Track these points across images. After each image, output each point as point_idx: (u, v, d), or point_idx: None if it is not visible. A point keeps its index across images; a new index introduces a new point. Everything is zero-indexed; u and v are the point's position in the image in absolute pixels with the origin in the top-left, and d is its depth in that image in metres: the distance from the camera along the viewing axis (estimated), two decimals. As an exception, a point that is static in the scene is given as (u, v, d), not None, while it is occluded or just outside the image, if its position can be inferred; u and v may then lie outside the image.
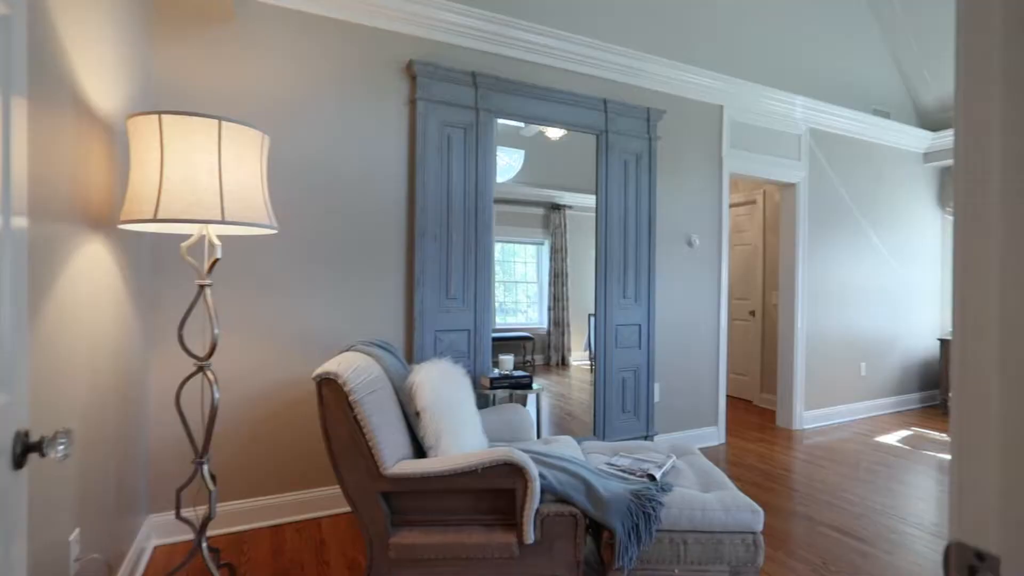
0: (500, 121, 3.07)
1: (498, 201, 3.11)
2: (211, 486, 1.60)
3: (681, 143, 3.65)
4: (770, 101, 3.97)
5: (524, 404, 3.01)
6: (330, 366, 1.74)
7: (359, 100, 2.63)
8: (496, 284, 3.22)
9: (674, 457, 2.10)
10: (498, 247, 3.22)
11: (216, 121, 1.51)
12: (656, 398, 3.53)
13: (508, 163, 3.23)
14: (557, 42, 3.10)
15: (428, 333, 2.71)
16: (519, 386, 2.66)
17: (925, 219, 5.12)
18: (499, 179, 3.17)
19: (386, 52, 2.69)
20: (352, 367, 1.77)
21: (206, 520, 1.61)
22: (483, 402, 2.78)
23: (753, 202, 5.19)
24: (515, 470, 1.69)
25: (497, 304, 3.25)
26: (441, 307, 2.75)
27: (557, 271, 3.44)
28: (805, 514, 2.63)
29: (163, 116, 1.46)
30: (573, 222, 3.40)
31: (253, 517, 2.41)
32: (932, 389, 5.15)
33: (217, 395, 1.63)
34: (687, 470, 2.04)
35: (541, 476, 1.79)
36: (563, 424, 3.36)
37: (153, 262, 2.22)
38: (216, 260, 1.64)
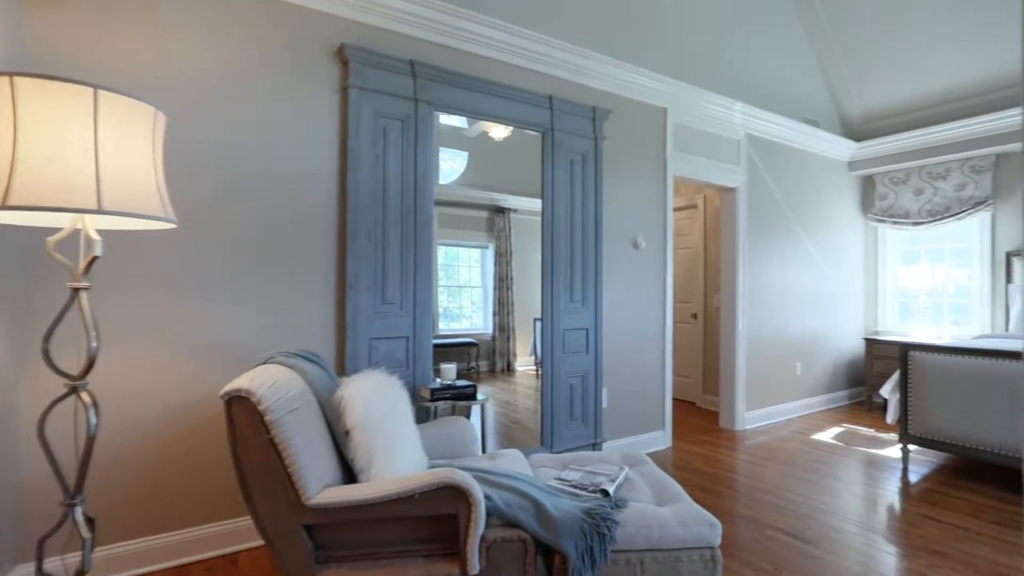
0: (443, 121, 2.90)
1: (441, 203, 2.95)
2: (85, 533, 1.31)
3: (627, 144, 3.61)
4: (711, 106, 4.02)
5: (468, 416, 2.83)
6: (241, 382, 1.50)
7: (285, 85, 2.38)
8: (440, 289, 3.04)
9: (627, 468, 1.98)
10: (442, 251, 3.05)
11: (91, 89, 1.25)
12: (604, 404, 3.44)
13: (452, 166, 3.08)
14: (503, 35, 2.96)
15: (362, 341, 2.48)
16: (462, 396, 2.48)
17: (850, 225, 5.37)
18: (442, 181, 3.01)
19: (316, 34, 2.45)
20: (269, 382, 1.53)
21: (79, 574, 1.32)
22: (423, 415, 2.58)
23: (694, 206, 5.26)
24: (457, 493, 1.51)
25: (441, 310, 3.07)
26: (376, 312, 2.53)
27: (502, 275, 3.31)
28: (753, 518, 2.60)
29: (17, 78, 1.18)
30: (518, 226, 3.28)
31: (154, 558, 2.08)
32: (859, 386, 5.41)
33: (94, 420, 1.35)
34: (640, 482, 1.93)
35: (486, 498, 1.62)
36: (510, 434, 3.21)
37: (23, 261, 1.88)
38: (94, 258, 1.36)
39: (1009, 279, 4.53)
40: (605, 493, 1.76)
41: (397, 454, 1.70)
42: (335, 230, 2.50)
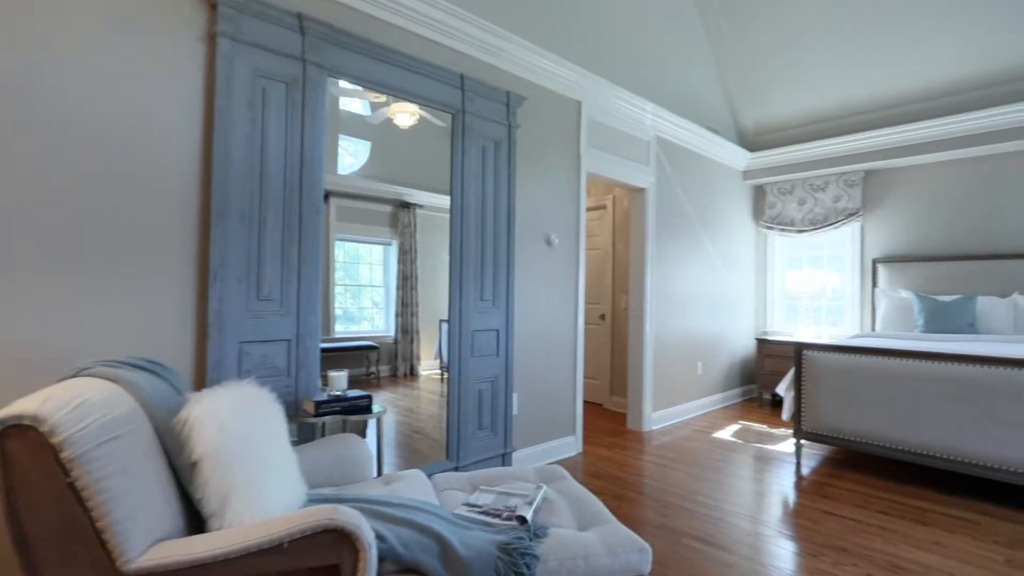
0: (344, 107, 2.55)
1: (341, 195, 2.63)
2: None
3: (541, 135, 3.43)
4: (624, 104, 3.97)
5: (364, 431, 2.47)
6: (26, 404, 1.08)
7: (134, 24, 1.88)
8: (340, 288, 2.69)
9: (544, 487, 1.76)
10: (342, 247, 2.69)
11: None
12: (515, 410, 3.23)
13: (353, 161, 2.73)
14: (412, 0, 2.64)
15: (230, 345, 2.04)
16: (354, 410, 2.13)
17: (744, 230, 5.66)
18: (343, 171, 2.67)
19: (172, -35, 1.98)
20: (71, 403, 1.12)
21: None
22: (308, 434, 2.19)
23: (603, 207, 5.25)
24: (340, 536, 1.19)
25: (341, 311, 2.71)
26: (250, 310, 2.10)
27: (406, 274, 2.99)
28: (669, 526, 2.51)
29: None
30: (424, 222, 2.99)
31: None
32: (751, 384, 5.71)
33: None
34: (560, 501, 1.71)
35: (379, 538, 1.31)
36: (412, 445, 2.89)
37: None
38: None
39: (875, 284, 4.99)
40: (522, 520, 1.51)
41: (263, 488, 1.34)
42: (197, 207, 2.04)
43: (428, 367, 3.07)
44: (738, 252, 5.54)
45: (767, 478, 3.21)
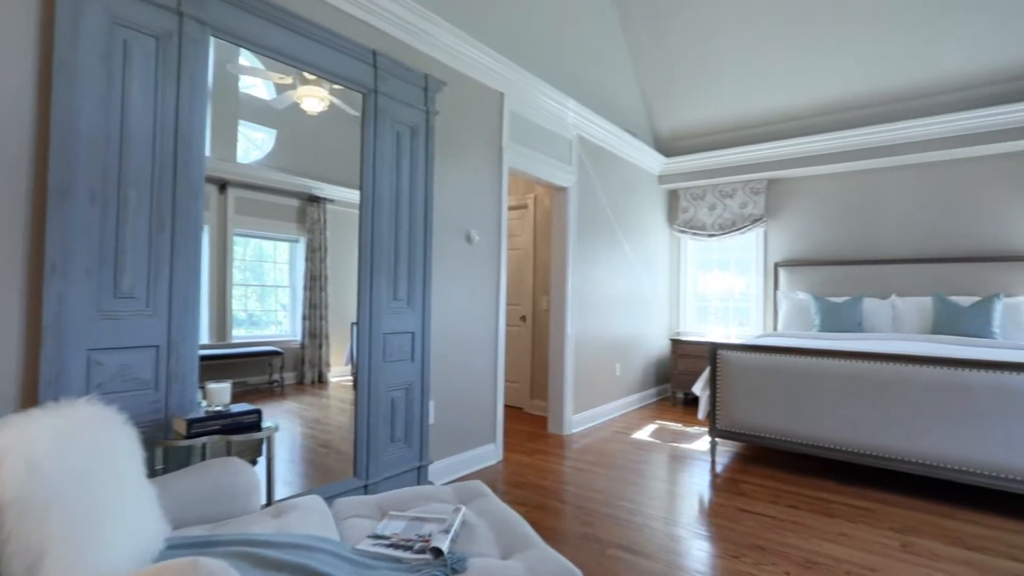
0: (244, 90, 2.22)
1: (241, 186, 2.31)
2: None
3: (461, 126, 3.24)
4: (548, 99, 3.88)
5: (257, 454, 2.14)
6: None
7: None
8: (242, 289, 2.35)
9: (463, 509, 1.56)
10: (244, 244, 2.36)
11: None
12: (431, 419, 3.00)
13: (251, 148, 2.38)
14: (312, -39, 2.34)
15: (74, 353, 1.65)
16: (238, 427, 1.80)
17: (659, 233, 5.81)
18: (244, 159, 2.34)
19: None
20: None
21: None
22: (181, 459, 1.83)
23: (525, 206, 5.15)
24: (201, 600, 0.91)
25: (244, 315, 2.37)
26: (103, 311, 1.71)
27: (315, 274, 2.68)
28: (594, 536, 2.40)
29: None
30: (335, 218, 2.70)
31: None
32: (665, 383, 5.86)
33: None
34: (480, 525, 1.52)
35: (257, 593, 1.05)
36: (318, 461, 2.58)
37: None
38: None
39: (777, 286, 5.29)
40: (437, 552, 1.31)
41: (95, 540, 1.02)
42: (28, 184, 1.63)
43: (339, 373, 2.78)
44: (654, 255, 5.66)
45: (685, 478, 3.23)
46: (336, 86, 2.51)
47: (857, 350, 3.12)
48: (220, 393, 1.83)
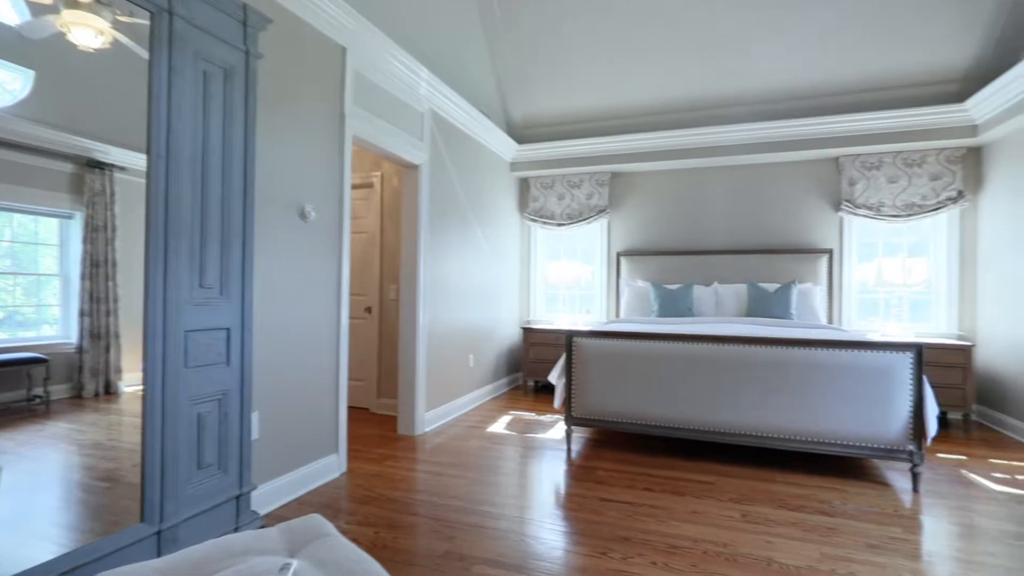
0: None
1: None
2: None
3: (294, 79, 2.68)
4: (398, 64, 3.46)
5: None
6: None
7: None
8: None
9: (294, 563, 1.16)
10: None
11: None
12: (255, 434, 2.45)
13: (6, 94, 1.61)
14: None
15: None
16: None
17: (510, 221, 5.73)
18: None
19: None
20: None
21: None
22: None
23: (370, 185, 4.64)
24: None
25: (2, 313, 1.60)
26: None
27: (98, 259, 1.97)
28: (456, 552, 2.13)
29: None
30: (127, 191, 2.01)
31: None
32: (516, 372, 5.83)
33: None
34: (321, 583, 1.14)
35: None
36: (94, 503, 1.93)
37: None
38: None
39: (619, 275, 5.57)
40: (255, 646, 0.90)
41: None
42: None
43: (136, 382, 2.09)
44: (506, 242, 5.57)
45: (545, 471, 3.13)
46: (121, 18, 1.84)
47: (698, 333, 3.31)
48: None
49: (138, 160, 2.02)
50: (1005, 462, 3.35)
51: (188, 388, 2.02)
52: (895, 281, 4.62)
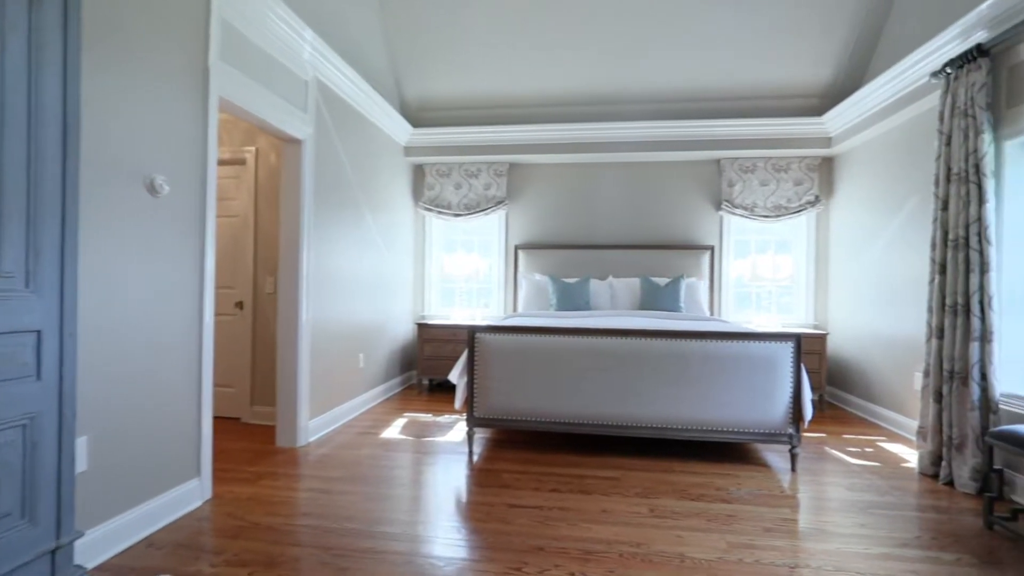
0: None
1: None
2: None
3: (139, 17, 2.15)
4: (277, 20, 2.98)
5: None
6: None
7: None
8: None
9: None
10: None
11: None
12: (81, 466, 1.92)
13: None
14: None
15: None
16: None
17: (404, 210, 5.38)
18: None
19: None
20: None
21: None
22: None
23: (243, 162, 4.03)
24: None
25: None
26: None
27: None
28: (351, 589, 1.83)
29: None
30: None
31: None
32: (410, 371, 5.50)
33: None
34: None
35: None
36: None
37: None
38: None
39: (517, 268, 5.47)
40: None
41: None
42: None
43: None
44: (399, 232, 5.21)
45: (448, 478, 2.90)
46: None
47: (603, 327, 3.28)
48: None
49: None
50: (854, 436, 3.77)
51: (-27, 413, 1.49)
52: (766, 276, 5.04)
